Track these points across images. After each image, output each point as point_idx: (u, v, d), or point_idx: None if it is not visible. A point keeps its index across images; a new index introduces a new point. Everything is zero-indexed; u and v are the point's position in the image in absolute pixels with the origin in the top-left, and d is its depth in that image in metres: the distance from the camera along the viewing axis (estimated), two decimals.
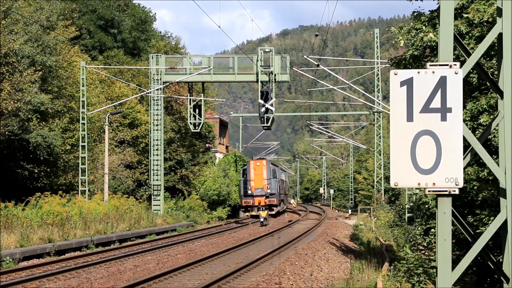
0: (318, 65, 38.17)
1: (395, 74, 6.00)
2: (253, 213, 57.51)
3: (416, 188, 23.57)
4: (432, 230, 17.99)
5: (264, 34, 57.34)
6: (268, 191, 58.24)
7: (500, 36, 6.36)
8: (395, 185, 5.98)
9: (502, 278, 6.47)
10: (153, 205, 45.17)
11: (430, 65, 5.97)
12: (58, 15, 40.30)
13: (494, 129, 7.04)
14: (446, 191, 5.88)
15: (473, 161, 14.80)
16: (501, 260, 6.54)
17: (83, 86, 39.31)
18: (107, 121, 42.17)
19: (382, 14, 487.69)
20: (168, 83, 47.80)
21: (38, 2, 37.52)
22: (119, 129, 49.75)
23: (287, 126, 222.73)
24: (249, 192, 58.10)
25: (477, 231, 13.63)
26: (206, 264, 21.72)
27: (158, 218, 41.23)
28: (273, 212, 58.07)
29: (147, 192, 49.56)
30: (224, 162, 67.10)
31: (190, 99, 48.11)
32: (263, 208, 56.71)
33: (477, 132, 14.47)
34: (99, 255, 25.15)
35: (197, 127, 47.42)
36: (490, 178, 14.50)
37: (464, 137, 6.00)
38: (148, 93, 46.35)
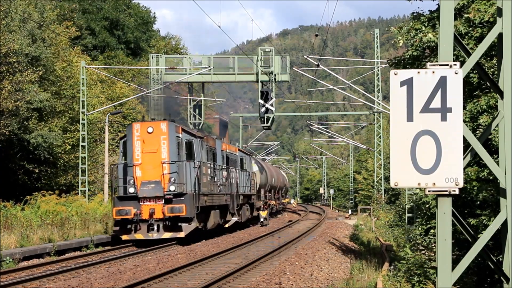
0: (318, 65, 38.21)
1: (395, 74, 6.01)
2: (139, 236, 28.12)
3: (416, 188, 23.62)
4: (432, 230, 18.00)
5: (264, 34, 57.48)
6: (172, 188, 28.17)
7: (500, 36, 6.36)
8: (395, 185, 5.99)
9: (502, 278, 6.47)
10: None
11: (430, 65, 5.98)
12: (57, 14, 40.32)
13: (494, 129, 7.04)
14: (446, 191, 5.89)
15: (473, 162, 14.80)
16: (501, 259, 6.54)
17: (83, 86, 39.34)
18: (107, 121, 42.21)
19: (382, 14, 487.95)
20: (168, 83, 47.83)
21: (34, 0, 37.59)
22: (119, 129, 49.79)
23: (287, 126, 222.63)
24: (130, 190, 28.35)
25: (478, 236, 13.62)
26: (206, 264, 21.71)
27: None
28: (182, 235, 28.18)
29: None
30: None
31: (190, 99, 48.14)
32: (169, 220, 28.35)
33: (477, 132, 14.48)
34: (99, 255, 25.14)
35: (197, 127, 47.44)
36: (491, 178, 14.50)
37: (464, 137, 6.00)
38: (148, 93, 46.37)
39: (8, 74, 32.68)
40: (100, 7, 58.20)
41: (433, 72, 5.93)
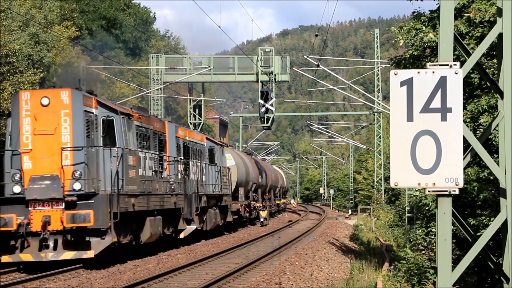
0: (318, 65, 38.20)
1: (395, 74, 6.01)
2: (26, 257, 19.34)
3: (416, 190, 23.63)
4: (433, 230, 18.01)
5: (264, 34, 57.54)
6: (76, 186, 19.66)
7: (500, 36, 6.36)
8: (395, 185, 5.99)
9: (502, 278, 6.47)
10: None
11: (430, 65, 5.98)
12: (58, 14, 40.32)
13: (494, 129, 7.05)
14: (446, 191, 5.89)
15: (474, 162, 14.81)
16: (501, 262, 6.54)
17: (82, 86, 39.31)
18: None
19: (382, 14, 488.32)
20: (168, 83, 47.85)
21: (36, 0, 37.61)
22: None
23: (287, 126, 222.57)
24: (15, 188, 19.72)
25: (478, 235, 13.64)
26: (206, 264, 21.72)
27: None
28: (91, 255, 19.42)
29: None
30: None
31: (190, 99, 48.18)
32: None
33: (477, 132, 14.49)
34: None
35: (197, 127, 47.46)
36: (491, 178, 14.51)
37: (464, 137, 6.00)
38: (148, 93, 46.38)
39: (8, 74, 32.70)
40: (97, 7, 58.25)
41: (433, 72, 5.93)
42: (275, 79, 45.48)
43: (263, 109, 44.23)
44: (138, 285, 16.56)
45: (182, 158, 27.66)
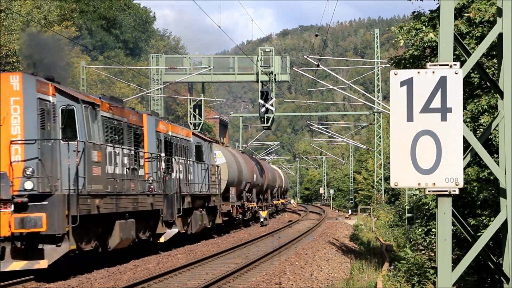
0: (318, 65, 38.20)
1: (395, 74, 6.01)
2: None
3: (416, 189, 23.65)
4: (433, 230, 18.02)
5: (264, 34, 57.48)
6: (28, 185, 16.89)
7: (500, 36, 6.36)
8: (395, 185, 5.99)
9: (502, 278, 6.47)
10: None
11: (430, 65, 5.98)
12: (57, 15, 40.37)
13: (494, 129, 7.05)
14: (446, 191, 5.89)
15: (474, 162, 14.81)
16: (501, 262, 6.54)
17: (83, 86, 39.36)
18: None
19: (382, 14, 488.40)
20: (168, 83, 47.87)
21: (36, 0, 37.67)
22: None
23: (287, 126, 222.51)
24: None
25: (478, 234, 13.66)
26: (206, 264, 21.72)
27: None
28: (44, 265, 16.83)
29: None
30: None
31: (190, 99, 48.20)
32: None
33: (477, 132, 14.49)
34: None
35: (197, 127, 47.49)
36: (491, 178, 14.51)
37: (464, 137, 6.00)
38: (148, 93, 46.41)
39: None
40: (96, 7, 58.31)
41: (433, 72, 5.93)
42: (275, 79, 45.49)
43: (263, 109, 44.24)
44: (138, 285, 16.56)
45: (163, 154, 25.18)
